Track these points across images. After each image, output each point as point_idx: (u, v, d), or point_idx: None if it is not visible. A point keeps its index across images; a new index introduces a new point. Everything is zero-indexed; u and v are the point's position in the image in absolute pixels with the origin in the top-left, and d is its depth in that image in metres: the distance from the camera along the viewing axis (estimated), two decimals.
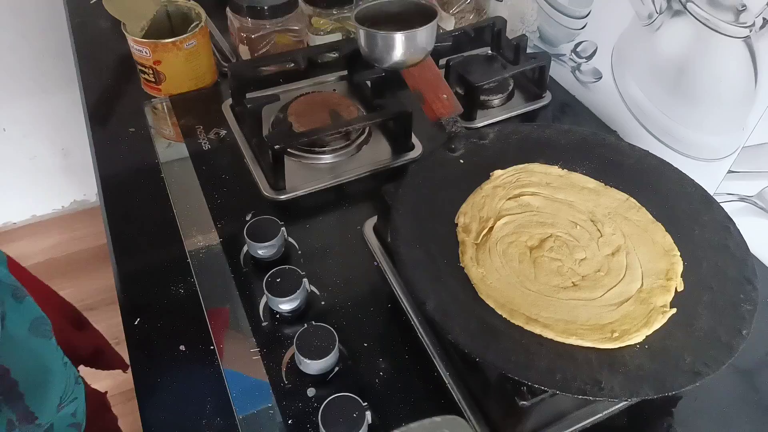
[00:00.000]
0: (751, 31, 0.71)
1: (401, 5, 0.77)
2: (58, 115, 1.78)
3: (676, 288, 0.62)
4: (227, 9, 1.02)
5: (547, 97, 1.02)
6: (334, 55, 1.04)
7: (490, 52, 1.07)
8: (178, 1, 1.00)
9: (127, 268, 0.75)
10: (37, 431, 0.60)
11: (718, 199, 0.70)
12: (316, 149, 0.88)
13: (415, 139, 0.91)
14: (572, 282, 0.63)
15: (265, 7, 0.96)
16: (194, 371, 0.65)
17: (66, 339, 0.81)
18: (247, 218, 0.79)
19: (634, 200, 0.71)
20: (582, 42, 0.99)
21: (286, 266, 0.69)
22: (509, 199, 0.71)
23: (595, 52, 0.97)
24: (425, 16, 0.75)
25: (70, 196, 2.02)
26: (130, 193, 0.84)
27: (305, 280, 0.69)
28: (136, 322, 0.69)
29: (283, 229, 0.73)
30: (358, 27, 0.74)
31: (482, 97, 0.97)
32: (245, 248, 0.75)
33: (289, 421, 0.60)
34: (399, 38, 0.73)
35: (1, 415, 0.56)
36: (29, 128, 1.79)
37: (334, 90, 1.00)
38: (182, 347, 0.67)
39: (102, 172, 0.88)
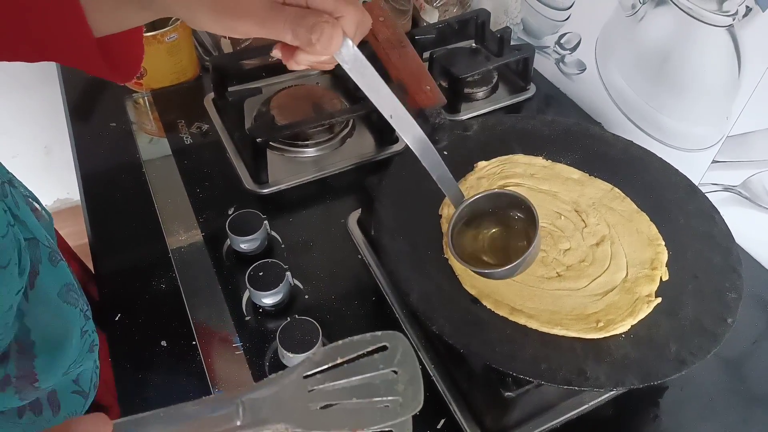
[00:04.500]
0: (734, 19, 0.71)
1: (493, 199, 0.62)
2: (39, 111, 1.75)
3: (661, 277, 0.62)
4: None
5: (532, 89, 1.02)
6: None
7: (473, 44, 1.06)
8: None
9: (108, 264, 0.74)
10: (32, 393, 0.58)
11: (702, 189, 0.70)
12: (300, 142, 0.87)
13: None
14: (557, 272, 0.62)
15: None
16: (176, 366, 0.64)
17: None
18: (230, 212, 0.78)
19: (619, 190, 0.71)
20: (566, 34, 0.99)
21: (269, 260, 0.68)
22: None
23: (578, 43, 0.97)
24: (520, 209, 0.61)
25: (53, 194, 1.99)
26: (111, 189, 0.83)
27: (288, 273, 0.68)
28: (117, 318, 0.68)
29: (265, 222, 0.73)
30: (455, 258, 0.59)
31: (466, 90, 0.97)
32: (227, 242, 0.75)
33: None
34: (501, 272, 0.57)
35: (1, 369, 0.54)
36: (10, 126, 1.76)
37: (318, 83, 0.99)
38: (164, 342, 0.66)
39: (83, 168, 0.86)
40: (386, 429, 0.35)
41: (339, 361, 0.35)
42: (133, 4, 0.51)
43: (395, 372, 0.35)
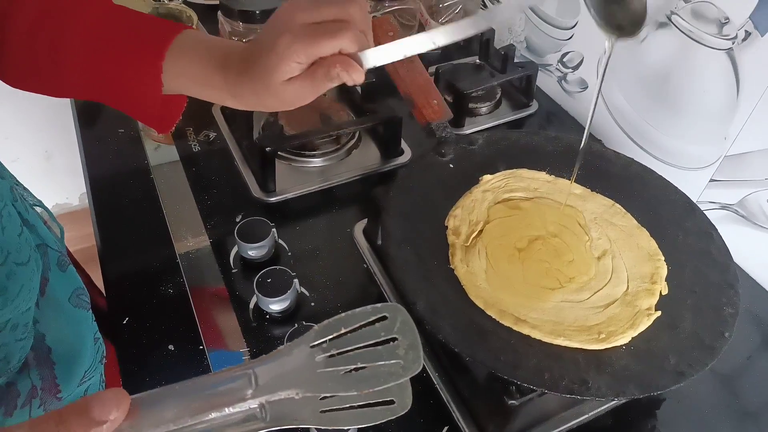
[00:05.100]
0: (733, 43, 0.73)
1: None
2: (42, 116, 1.76)
3: (660, 291, 0.63)
4: (218, 12, 1.02)
5: (534, 106, 1.04)
6: None
7: (478, 60, 1.08)
8: (169, 4, 1.00)
9: (116, 269, 0.75)
10: (55, 405, 0.58)
11: (700, 206, 0.72)
12: (306, 152, 0.88)
13: (404, 145, 0.92)
14: (560, 284, 0.64)
15: (257, 11, 0.97)
16: (183, 371, 0.65)
17: None
18: (237, 220, 0.79)
19: (620, 206, 0.72)
20: (568, 52, 1.01)
21: (277, 267, 0.69)
22: (498, 203, 0.72)
23: (581, 62, 0.99)
24: None
25: (52, 199, 2.00)
26: (119, 194, 0.84)
27: (296, 280, 0.69)
28: (124, 321, 0.69)
29: (273, 230, 0.74)
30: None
31: (470, 105, 0.99)
32: (235, 249, 0.76)
33: None
34: None
35: (27, 378, 0.54)
36: (11, 129, 1.77)
37: (325, 94, 1.00)
38: (171, 347, 0.67)
39: (91, 174, 0.87)
40: (388, 398, 0.37)
41: (343, 331, 0.37)
42: (208, 88, 0.58)
43: (396, 339, 0.37)
